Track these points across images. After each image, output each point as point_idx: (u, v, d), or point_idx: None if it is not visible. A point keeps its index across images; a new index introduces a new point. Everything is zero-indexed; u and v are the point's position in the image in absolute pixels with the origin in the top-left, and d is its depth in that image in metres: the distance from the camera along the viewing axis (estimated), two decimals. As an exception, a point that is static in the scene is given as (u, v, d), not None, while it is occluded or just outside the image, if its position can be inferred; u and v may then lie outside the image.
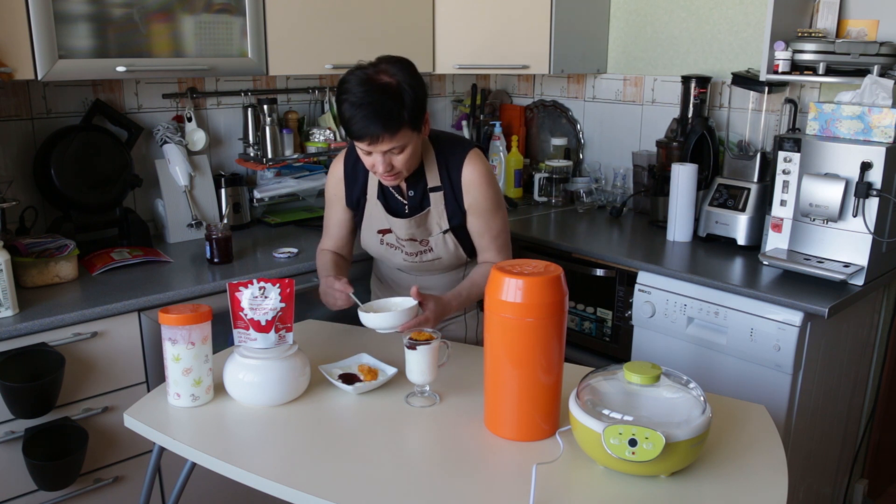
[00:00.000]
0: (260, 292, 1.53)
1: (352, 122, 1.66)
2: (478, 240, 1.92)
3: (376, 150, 1.69)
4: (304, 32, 2.45)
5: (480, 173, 1.84)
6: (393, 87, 1.64)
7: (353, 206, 1.96)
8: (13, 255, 1.96)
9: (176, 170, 2.43)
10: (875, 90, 2.06)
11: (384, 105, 1.63)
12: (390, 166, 1.73)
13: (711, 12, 2.72)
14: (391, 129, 1.65)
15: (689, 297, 2.17)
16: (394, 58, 1.72)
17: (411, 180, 1.86)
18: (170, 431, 1.45)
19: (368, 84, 1.64)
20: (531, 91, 3.40)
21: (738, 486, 1.26)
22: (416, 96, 1.67)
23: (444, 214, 1.87)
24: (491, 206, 1.87)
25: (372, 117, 1.63)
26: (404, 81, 1.65)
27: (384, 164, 1.72)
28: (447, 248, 1.91)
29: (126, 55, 2.11)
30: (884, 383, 2.52)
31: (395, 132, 1.65)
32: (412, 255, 1.93)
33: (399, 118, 1.64)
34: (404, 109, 1.64)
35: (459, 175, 1.84)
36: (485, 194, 1.85)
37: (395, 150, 1.70)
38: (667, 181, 2.56)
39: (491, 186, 1.86)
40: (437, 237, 1.90)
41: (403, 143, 1.69)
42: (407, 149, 1.71)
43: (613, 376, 1.37)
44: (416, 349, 1.51)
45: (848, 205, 2.04)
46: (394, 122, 1.64)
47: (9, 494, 1.87)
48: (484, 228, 1.89)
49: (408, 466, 1.34)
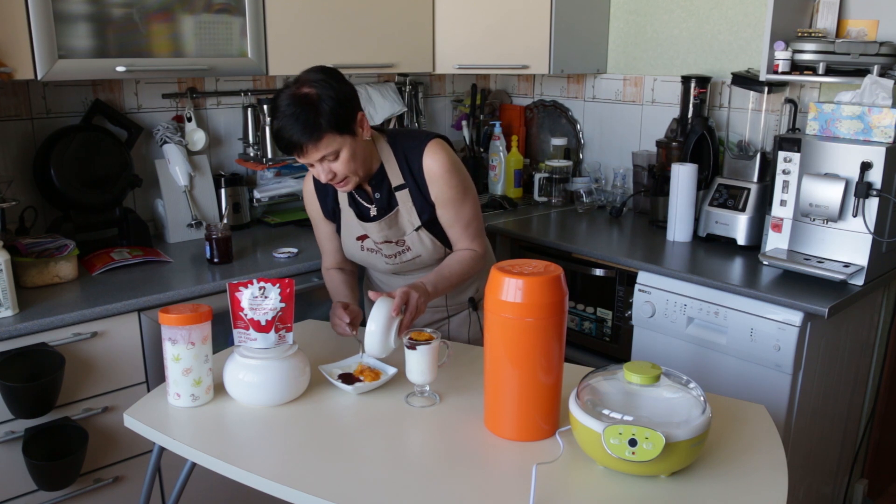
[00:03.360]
0: (260, 292, 1.53)
1: (278, 139, 1.67)
2: (450, 230, 1.89)
3: (308, 160, 1.70)
4: (303, 32, 2.45)
5: (441, 163, 1.80)
6: (311, 97, 1.64)
7: (330, 217, 1.96)
8: (13, 255, 1.95)
9: (176, 170, 2.43)
10: (875, 90, 2.06)
11: (300, 116, 1.63)
12: (332, 174, 1.72)
13: (711, 12, 2.72)
14: (311, 137, 1.64)
15: (689, 297, 2.17)
16: (316, 68, 1.73)
17: (375, 182, 1.84)
18: (170, 431, 1.45)
19: (289, 99, 1.65)
20: (531, 91, 3.40)
21: (738, 486, 1.26)
22: (337, 101, 1.66)
23: (413, 211, 1.85)
24: (457, 195, 1.83)
25: (290, 130, 1.64)
26: (323, 89, 1.65)
27: (326, 173, 1.72)
28: (424, 245, 1.89)
29: (126, 55, 2.11)
30: (884, 383, 2.52)
31: (317, 140, 1.65)
32: (391, 257, 1.91)
33: (316, 126, 1.64)
34: (321, 116, 1.64)
35: (421, 168, 1.81)
36: (448, 183, 1.81)
37: (328, 157, 1.69)
38: (667, 181, 2.56)
39: (455, 174, 1.82)
40: (411, 235, 1.88)
41: (335, 149, 1.68)
42: (342, 154, 1.70)
43: (613, 376, 1.37)
44: (416, 349, 1.51)
45: (848, 205, 2.04)
46: (312, 130, 1.64)
47: (9, 494, 1.87)
48: (454, 218, 1.86)
49: (408, 466, 1.34)
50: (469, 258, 1.89)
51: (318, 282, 2.31)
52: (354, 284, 2.01)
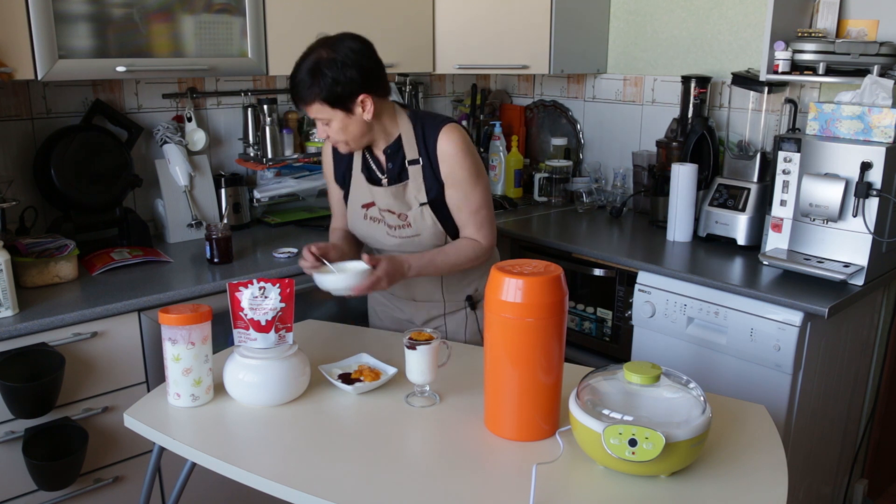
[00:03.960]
0: (260, 292, 1.53)
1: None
2: (457, 214, 1.89)
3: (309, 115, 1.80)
4: (303, 32, 2.43)
5: (456, 143, 1.83)
6: (319, 64, 1.71)
7: (340, 181, 1.99)
8: (13, 255, 1.96)
9: (176, 170, 2.43)
10: (875, 90, 2.06)
11: (302, 77, 1.73)
12: (326, 134, 1.82)
13: (711, 12, 2.72)
14: (303, 101, 1.75)
15: (689, 297, 2.17)
16: (353, 35, 1.78)
17: (391, 152, 1.88)
18: (170, 431, 1.45)
19: (305, 54, 1.75)
20: (531, 91, 3.40)
21: (738, 486, 1.26)
22: (338, 80, 1.71)
23: (422, 188, 1.87)
24: (468, 177, 1.85)
25: (292, 85, 1.76)
26: (330, 65, 1.71)
27: (320, 131, 1.82)
28: (425, 223, 1.89)
29: (126, 55, 2.11)
30: (884, 383, 2.52)
31: (306, 104, 1.75)
32: (393, 228, 1.92)
33: (310, 93, 1.73)
34: (316, 86, 1.71)
35: (436, 147, 1.84)
36: (461, 164, 1.84)
37: (320, 120, 1.78)
38: (667, 181, 2.56)
39: (468, 157, 1.84)
40: (415, 211, 1.88)
41: (325, 118, 1.77)
42: (332, 124, 1.78)
43: (613, 376, 1.37)
44: (417, 349, 1.51)
45: (848, 205, 2.04)
46: (305, 95, 1.74)
47: (9, 494, 1.87)
48: (462, 201, 1.87)
49: (408, 466, 1.34)
50: (468, 247, 1.89)
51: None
52: (353, 241, 2.03)
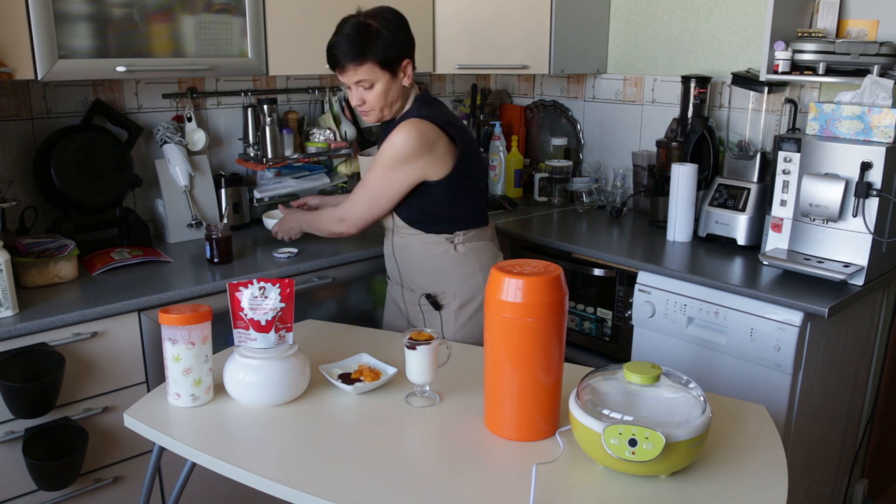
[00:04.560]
0: (260, 292, 1.53)
1: (328, 54, 1.88)
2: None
3: (347, 80, 1.88)
4: (303, 32, 2.45)
5: (400, 132, 1.89)
6: (370, 27, 1.82)
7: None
8: (13, 255, 1.95)
9: (176, 170, 2.43)
10: (875, 90, 2.06)
11: (352, 38, 1.82)
12: (362, 101, 1.90)
13: (711, 12, 2.72)
14: (356, 59, 1.82)
15: (689, 297, 2.17)
16: (388, 8, 1.89)
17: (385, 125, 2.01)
18: (170, 431, 1.45)
19: (349, 22, 1.85)
20: (531, 91, 3.40)
21: (738, 486, 1.26)
22: (392, 40, 1.84)
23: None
24: (380, 159, 1.93)
25: (341, 47, 1.84)
26: (384, 26, 1.84)
27: (356, 98, 1.90)
28: None
29: (126, 55, 2.11)
30: (884, 383, 2.52)
31: (359, 63, 1.83)
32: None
33: (364, 52, 1.82)
34: (371, 45, 1.82)
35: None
36: (387, 147, 1.92)
37: (363, 83, 1.86)
38: (667, 181, 2.56)
39: (398, 146, 1.89)
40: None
41: (371, 80, 1.85)
42: (376, 87, 1.87)
43: (613, 376, 1.37)
44: (416, 349, 1.51)
45: (848, 205, 2.04)
46: (359, 53, 1.82)
47: (9, 494, 1.87)
48: (364, 174, 2.01)
49: (408, 466, 1.34)
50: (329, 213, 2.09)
51: (318, 282, 2.31)
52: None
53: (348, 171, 2.89)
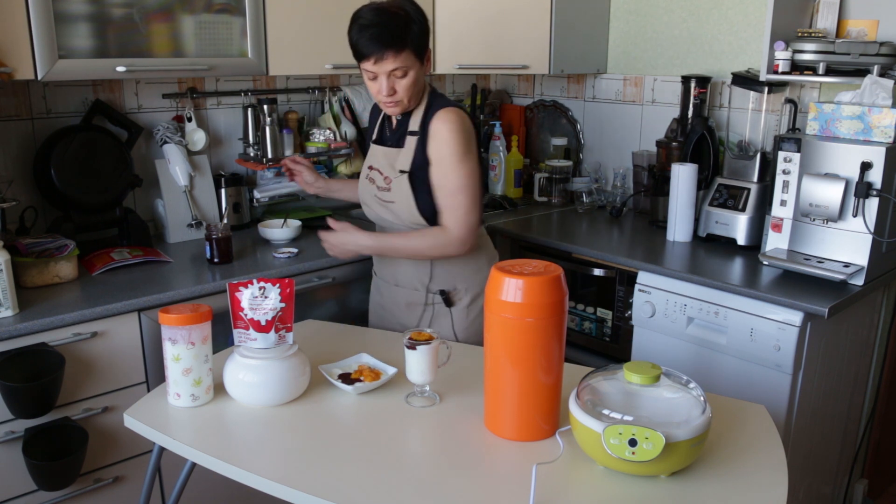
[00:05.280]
0: (260, 292, 1.53)
1: (360, 42, 1.80)
2: (437, 194, 1.91)
3: (381, 69, 1.81)
4: (303, 32, 2.45)
5: (448, 123, 1.87)
6: (401, 14, 1.80)
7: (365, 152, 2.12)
8: (13, 255, 1.95)
9: (176, 170, 2.43)
10: (875, 90, 2.06)
11: (390, 25, 1.78)
12: (393, 90, 1.84)
13: (711, 12, 2.72)
14: (396, 46, 1.78)
15: (689, 297, 2.17)
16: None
17: (401, 120, 1.97)
18: (170, 431, 1.45)
19: (379, 9, 1.80)
20: (531, 91, 3.40)
21: (738, 486, 1.26)
22: (421, 28, 1.83)
23: (409, 158, 1.93)
24: (450, 156, 1.87)
25: (379, 35, 1.77)
26: (412, 13, 1.82)
27: (388, 87, 1.83)
28: (402, 192, 1.94)
29: (126, 55, 2.11)
30: (884, 383, 2.52)
31: (399, 50, 1.78)
32: (379, 189, 1.99)
33: (404, 38, 1.79)
34: (410, 32, 1.79)
35: (429, 124, 1.90)
36: (447, 141, 1.87)
37: (398, 71, 1.81)
38: (667, 181, 2.56)
39: (456, 137, 1.87)
40: (398, 179, 1.94)
41: (406, 67, 1.82)
42: (410, 74, 1.83)
43: (613, 376, 1.37)
44: (416, 349, 1.51)
45: (848, 205, 2.04)
46: (399, 40, 1.78)
47: (9, 494, 1.87)
48: (442, 179, 1.89)
49: (408, 466, 1.34)
50: (432, 234, 1.93)
51: (318, 282, 2.31)
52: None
53: (348, 171, 2.89)
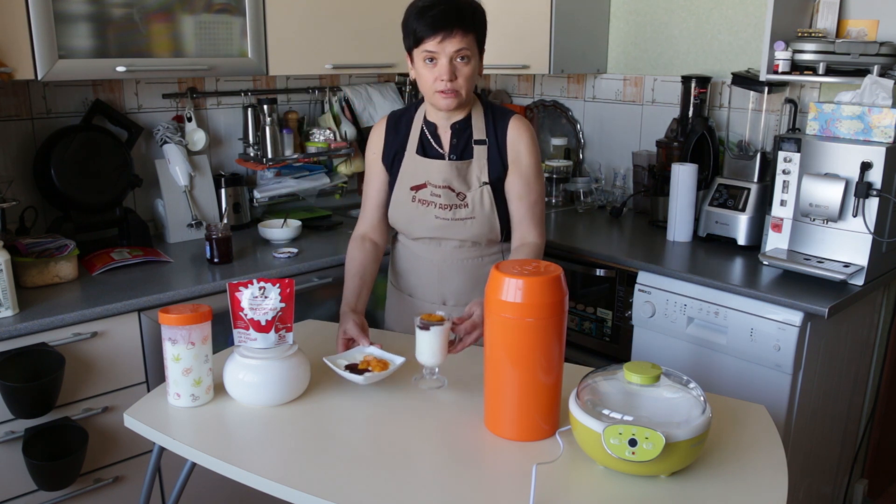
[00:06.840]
0: (260, 292, 1.53)
1: (423, 20, 1.69)
2: (516, 204, 1.85)
3: (445, 49, 1.70)
4: (304, 32, 2.45)
5: (528, 131, 1.86)
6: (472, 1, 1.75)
7: (388, 162, 1.90)
8: (13, 255, 1.96)
9: (176, 170, 2.43)
10: (875, 90, 2.06)
11: (460, 4, 1.71)
12: (454, 75, 1.73)
13: (711, 12, 2.72)
14: (465, 25, 1.69)
15: (689, 297, 2.17)
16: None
17: (458, 128, 1.85)
18: (170, 431, 1.45)
19: None
20: (531, 91, 3.40)
21: (738, 486, 1.26)
22: (484, 19, 1.77)
23: (485, 168, 1.84)
24: (533, 167, 1.86)
25: (447, 12, 1.68)
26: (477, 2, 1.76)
27: (448, 72, 1.72)
28: (483, 205, 1.84)
29: (126, 55, 2.11)
30: (884, 383, 2.52)
31: (467, 31, 1.70)
32: (446, 208, 1.84)
33: (473, 20, 1.72)
34: (477, 16, 1.73)
35: (506, 131, 1.85)
36: (530, 151, 1.85)
37: (463, 52, 1.71)
38: (667, 181, 2.56)
39: (535, 148, 1.87)
40: (475, 191, 1.84)
41: (470, 52, 1.73)
42: (472, 61, 1.74)
43: (613, 376, 1.37)
44: (430, 329, 1.51)
45: (848, 205, 2.04)
46: (469, 20, 1.70)
47: (9, 494, 1.87)
48: (524, 191, 1.85)
49: (408, 466, 1.34)
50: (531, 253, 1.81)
51: (318, 282, 2.31)
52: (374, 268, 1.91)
53: (348, 171, 2.89)
